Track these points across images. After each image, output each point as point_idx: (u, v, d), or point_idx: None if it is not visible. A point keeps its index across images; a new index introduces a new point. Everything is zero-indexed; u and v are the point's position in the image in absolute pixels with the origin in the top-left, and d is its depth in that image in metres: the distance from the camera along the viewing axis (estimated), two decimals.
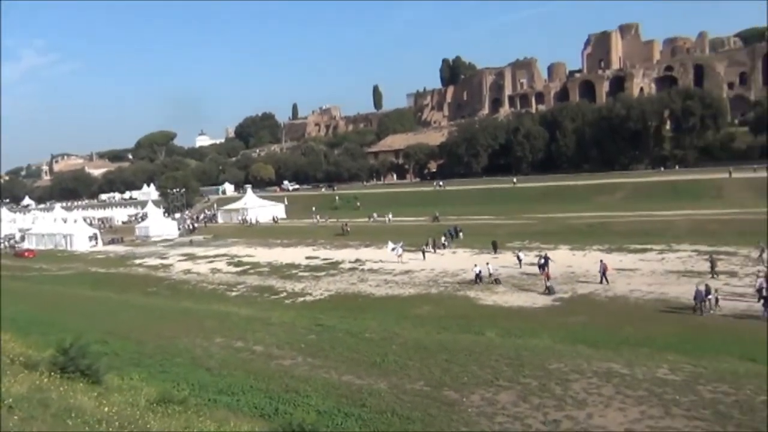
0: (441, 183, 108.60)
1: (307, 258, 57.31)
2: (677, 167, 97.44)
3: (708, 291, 30.21)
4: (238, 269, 55.25)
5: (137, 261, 66.88)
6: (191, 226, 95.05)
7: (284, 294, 43.21)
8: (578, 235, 56.02)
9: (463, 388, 19.54)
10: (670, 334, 26.77)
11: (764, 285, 30.09)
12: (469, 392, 19.10)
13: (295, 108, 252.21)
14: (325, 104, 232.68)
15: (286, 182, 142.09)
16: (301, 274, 50.15)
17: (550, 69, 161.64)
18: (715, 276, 36.41)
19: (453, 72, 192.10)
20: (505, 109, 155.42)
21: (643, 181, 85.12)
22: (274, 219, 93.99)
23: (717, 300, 30.17)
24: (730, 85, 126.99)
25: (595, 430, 16.03)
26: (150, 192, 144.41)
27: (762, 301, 29.04)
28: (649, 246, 47.99)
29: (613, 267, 40.65)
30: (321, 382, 20.79)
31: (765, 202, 61.29)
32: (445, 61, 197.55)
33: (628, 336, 26.76)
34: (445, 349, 24.11)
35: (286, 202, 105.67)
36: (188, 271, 56.79)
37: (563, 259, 45.92)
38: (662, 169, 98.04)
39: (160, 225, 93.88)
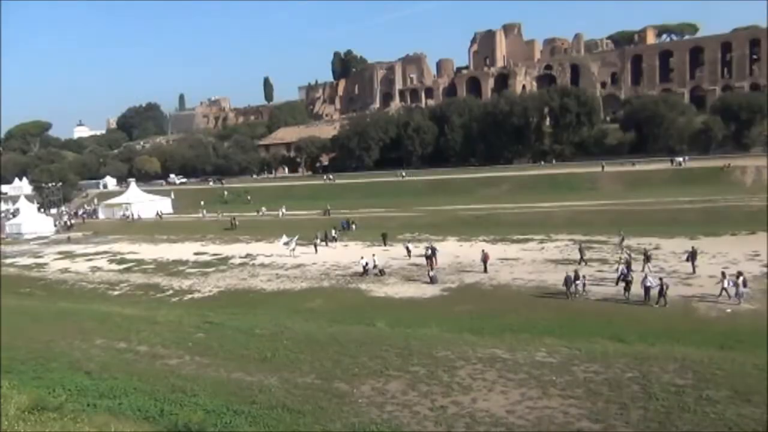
0: (331, 176, 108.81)
1: (196, 254, 55.67)
2: (554, 161, 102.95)
3: (576, 277, 32.42)
4: (121, 267, 52.78)
5: (8, 260, 62.22)
6: (69, 223, 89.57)
7: (171, 291, 41.77)
8: (465, 226, 57.94)
9: (353, 379, 19.73)
10: (548, 319, 28.41)
11: (625, 270, 32.72)
12: (359, 383, 19.32)
13: (182, 99, 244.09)
14: (214, 95, 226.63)
15: (172, 176, 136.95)
16: (188, 270, 48.65)
17: (439, 65, 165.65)
18: (584, 263, 38.98)
19: (344, 65, 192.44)
20: (396, 104, 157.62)
21: (525, 174, 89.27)
22: (158, 214, 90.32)
23: (584, 285, 32.39)
24: (603, 85, 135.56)
25: (480, 414, 16.68)
26: (22, 186, 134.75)
27: (624, 284, 31.50)
28: (530, 236, 50.45)
29: (498, 257, 42.52)
30: (209, 381, 20.31)
31: (633, 194, 66.25)
32: (336, 54, 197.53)
33: (510, 322, 28.10)
34: (336, 342, 24.23)
35: (173, 197, 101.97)
36: (66, 270, 53.58)
37: (451, 250, 47.39)
38: (542, 163, 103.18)
39: (33, 221, 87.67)
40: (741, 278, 29.63)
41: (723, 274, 30.69)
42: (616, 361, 20.36)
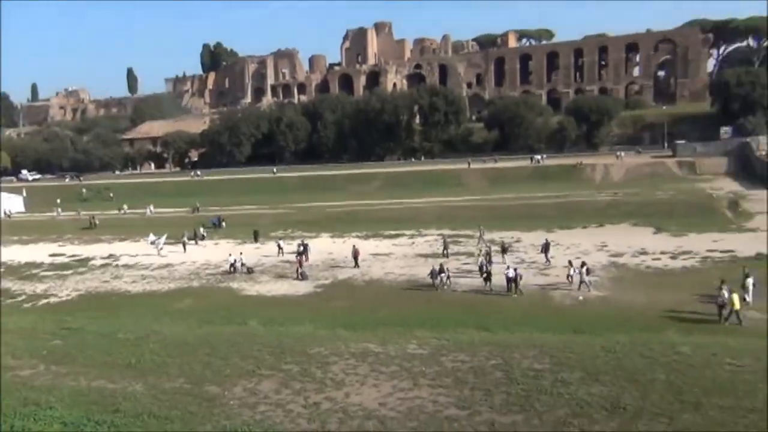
0: (199, 173, 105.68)
1: (51, 255, 51.89)
2: (423, 158, 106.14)
3: (441, 269, 33.76)
4: None
5: None
6: None
7: (23, 297, 38.70)
8: (338, 222, 58.32)
9: (225, 381, 19.34)
10: (419, 311, 29.34)
11: (484, 262, 34.52)
12: (231, 385, 18.97)
13: (34, 88, 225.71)
14: (72, 86, 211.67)
15: (24, 171, 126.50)
16: (43, 273, 45.29)
17: (311, 61, 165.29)
18: (447, 256, 40.63)
19: (214, 58, 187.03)
20: (268, 99, 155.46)
21: (396, 170, 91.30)
22: (6, 213, 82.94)
23: (449, 277, 33.80)
24: (469, 85, 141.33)
25: (352, 408, 16.92)
26: None
27: (484, 276, 33.18)
28: (401, 231, 51.70)
29: (370, 252, 43.27)
30: (67, 391, 19.07)
31: (496, 189, 69.66)
32: (206, 46, 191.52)
33: (383, 316, 28.75)
34: (206, 343, 23.60)
35: (25, 194, 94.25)
36: None
37: (324, 246, 47.55)
38: (413, 159, 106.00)
39: None
40: (585, 267, 32.15)
41: (570, 263, 33.14)
42: (481, 349, 21.41)
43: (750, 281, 27.78)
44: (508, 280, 31.80)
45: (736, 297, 25.27)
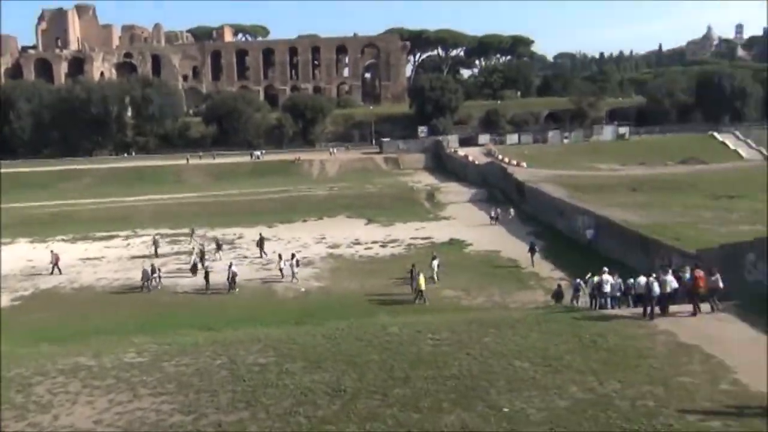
0: None
1: None
2: (134, 153, 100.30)
3: (153, 270, 32.65)
4: None
5: None
6: None
7: None
8: (40, 226, 52.49)
9: None
10: (137, 317, 27.90)
11: (197, 261, 34.30)
12: None
13: None
14: None
15: None
16: None
17: None
18: (158, 256, 39.36)
19: None
20: None
21: (108, 167, 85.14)
22: None
23: (160, 278, 32.80)
24: (185, 78, 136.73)
25: (62, 431, 15.51)
26: None
27: (204, 274, 32.79)
28: (115, 233, 48.46)
29: (79, 257, 39.81)
30: None
31: (217, 186, 68.90)
32: None
33: (96, 326, 26.67)
34: None
35: None
36: None
37: (22, 253, 42.48)
38: (125, 155, 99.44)
39: None
40: (294, 259, 33.56)
41: (279, 256, 34.34)
42: (206, 349, 21.08)
43: (435, 263, 31.74)
44: (232, 276, 31.82)
45: (422, 278, 28.66)
